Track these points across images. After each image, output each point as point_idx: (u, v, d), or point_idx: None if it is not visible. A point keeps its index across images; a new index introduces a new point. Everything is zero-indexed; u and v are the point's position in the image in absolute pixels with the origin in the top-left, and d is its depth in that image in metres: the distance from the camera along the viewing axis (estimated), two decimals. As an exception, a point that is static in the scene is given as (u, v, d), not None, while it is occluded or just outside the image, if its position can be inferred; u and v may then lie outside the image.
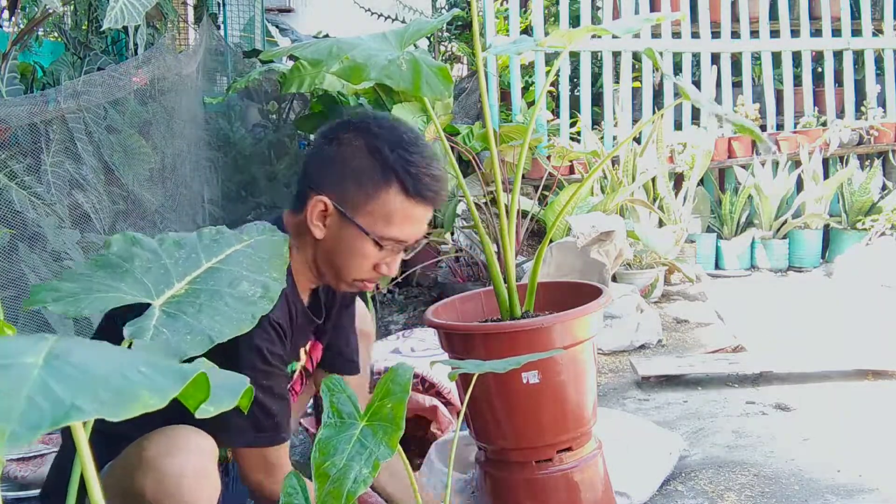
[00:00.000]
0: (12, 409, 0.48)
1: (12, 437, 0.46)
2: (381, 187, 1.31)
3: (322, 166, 1.35)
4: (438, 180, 1.35)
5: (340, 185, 1.32)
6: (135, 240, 1.04)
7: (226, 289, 0.96)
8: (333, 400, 1.03)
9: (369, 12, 5.81)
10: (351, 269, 1.35)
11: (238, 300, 0.95)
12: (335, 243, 1.34)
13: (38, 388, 0.50)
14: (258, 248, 1.10)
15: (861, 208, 4.41)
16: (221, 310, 0.92)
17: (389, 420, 1.00)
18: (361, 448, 0.98)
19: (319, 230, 1.33)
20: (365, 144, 1.32)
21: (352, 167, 1.31)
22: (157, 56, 2.86)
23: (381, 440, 0.98)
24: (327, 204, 1.32)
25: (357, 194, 1.31)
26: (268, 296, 0.98)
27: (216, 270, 1.01)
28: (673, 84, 4.44)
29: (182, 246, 1.05)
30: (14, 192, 2.19)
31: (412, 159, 1.32)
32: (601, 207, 3.57)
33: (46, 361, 0.54)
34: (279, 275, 1.04)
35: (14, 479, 1.81)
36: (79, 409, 0.49)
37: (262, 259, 1.07)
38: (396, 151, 1.31)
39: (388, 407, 1.01)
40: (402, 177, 1.31)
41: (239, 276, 1.00)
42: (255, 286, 0.98)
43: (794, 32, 4.76)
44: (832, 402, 2.30)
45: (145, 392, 0.54)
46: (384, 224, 1.31)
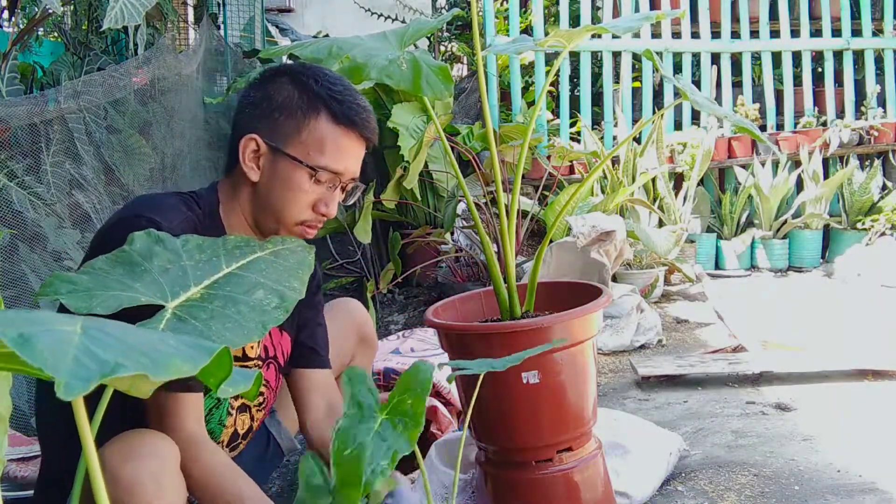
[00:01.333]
0: (61, 365, 0.50)
1: (67, 387, 0.48)
2: (310, 115, 1.31)
3: (250, 109, 1.34)
4: (366, 109, 1.36)
5: (269, 121, 1.32)
6: (158, 238, 1.03)
7: (241, 296, 0.95)
8: (355, 391, 1.03)
9: (369, 12, 5.81)
10: (290, 208, 1.33)
11: (252, 308, 0.94)
12: (271, 182, 1.32)
13: (82, 350, 0.53)
14: (281, 257, 1.09)
15: (861, 208, 4.41)
16: (233, 317, 0.91)
17: (409, 416, 1.00)
18: (380, 440, 0.98)
19: (254, 172, 1.32)
20: (290, 80, 1.34)
21: (278, 101, 1.32)
22: (157, 56, 2.86)
23: (402, 434, 0.98)
24: (258, 141, 1.31)
25: (286, 125, 1.31)
26: (283, 306, 0.96)
27: (235, 276, 1.00)
28: (673, 84, 4.45)
29: (204, 249, 1.04)
30: (14, 192, 2.19)
31: (338, 88, 1.33)
32: (601, 207, 3.57)
33: (84, 330, 0.56)
34: (300, 285, 1.03)
35: (14, 479, 1.81)
36: (122, 366, 0.52)
37: (285, 268, 1.06)
38: (321, 82, 1.33)
39: (409, 403, 1.01)
40: (330, 103, 1.32)
41: (256, 284, 0.99)
42: (271, 295, 0.97)
43: (794, 32, 4.77)
44: (832, 402, 2.30)
45: (177, 360, 0.57)
46: (317, 152, 1.31)
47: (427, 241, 3.63)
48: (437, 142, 3.55)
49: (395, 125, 3.47)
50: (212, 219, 1.35)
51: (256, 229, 1.38)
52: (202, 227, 1.31)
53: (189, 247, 1.04)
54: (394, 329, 3.39)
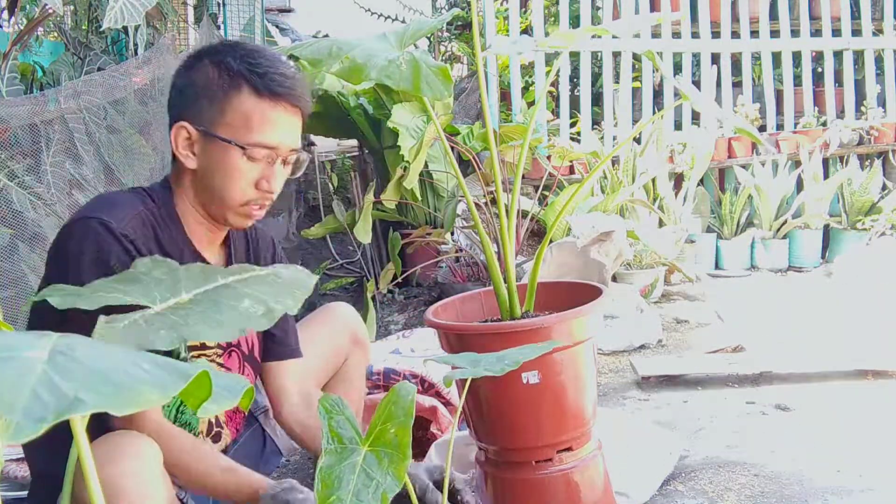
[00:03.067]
0: (16, 401, 0.48)
1: (17, 428, 0.47)
2: (231, 93, 1.29)
3: (175, 98, 1.33)
4: (289, 77, 1.32)
5: (194, 107, 1.30)
6: (163, 263, 1.03)
7: (229, 302, 0.94)
8: (332, 423, 0.98)
9: (369, 12, 5.81)
10: (231, 189, 1.31)
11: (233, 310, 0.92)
12: (208, 168, 1.31)
13: (42, 382, 0.51)
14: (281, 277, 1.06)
15: (861, 208, 4.41)
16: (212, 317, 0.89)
17: (394, 447, 0.95)
18: (367, 479, 0.93)
19: (190, 159, 1.31)
20: (209, 62, 1.31)
21: (200, 84, 1.30)
22: (157, 56, 2.86)
23: (388, 470, 0.93)
24: (187, 128, 1.30)
25: (211, 108, 1.29)
26: (269, 315, 0.94)
27: (227, 287, 0.99)
28: (673, 84, 4.46)
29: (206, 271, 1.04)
30: (14, 192, 2.19)
31: (257, 61, 1.30)
32: (601, 207, 3.57)
33: (50, 356, 0.55)
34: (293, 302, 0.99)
35: (14, 479, 1.82)
36: (82, 402, 0.50)
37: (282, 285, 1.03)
38: (240, 58, 1.30)
39: (392, 432, 0.96)
40: (249, 77, 1.29)
41: (246, 295, 0.97)
42: (257, 304, 0.95)
43: (794, 32, 4.77)
44: (832, 402, 2.30)
45: (147, 388, 0.55)
46: (245, 130, 1.29)
47: (427, 241, 3.63)
48: (437, 142, 3.55)
49: (395, 125, 3.47)
50: (167, 210, 1.35)
51: (207, 216, 1.37)
52: (158, 221, 1.32)
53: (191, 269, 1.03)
54: (394, 329, 3.39)
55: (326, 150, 5.15)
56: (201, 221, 1.38)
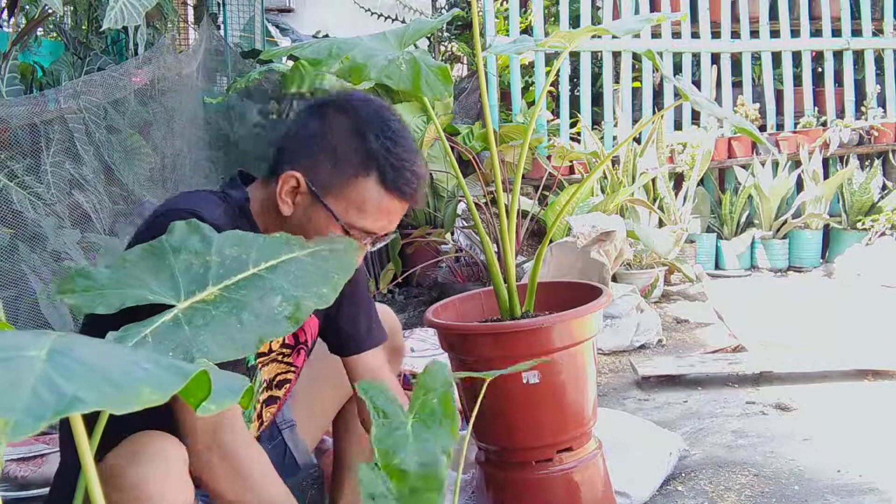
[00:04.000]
0: (16, 400, 0.48)
1: (17, 426, 0.47)
2: (360, 174, 1.22)
3: (301, 140, 1.26)
4: (419, 178, 1.27)
5: (316, 164, 1.22)
6: (196, 228, 0.99)
7: (254, 302, 0.90)
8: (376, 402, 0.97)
9: (369, 12, 5.81)
10: None
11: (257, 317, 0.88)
12: (302, 223, 1.24)
13: (42, 381, 0.51)
14: (320, 258, 1.01)
15: (861, 208, 4.41)
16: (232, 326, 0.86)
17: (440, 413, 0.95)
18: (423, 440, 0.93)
19: (288, 207, 1.24)
20: (349, 125, 1.24)
21: (332, 146, 1.23)
22: (157, 56, 2.86)
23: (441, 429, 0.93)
24: (300, 181, 1.22)
25: (332, 176, 1.22)
26: (295, 316, 0.90)
27: (258, 278, 0.94)
28: (673, 84, 4.46)
29: (239, 243, 0.99)
30: (14, 192, 2.19)
31: (396, 151, 1.23)
32: (601, 207, 3.57)
33: (49, 355, 0.55)
34: (330, 291, 0.95)
35: (14, 479, 1.81)
36: (81, 400, 0.50)
37: (319, 271, 0.98)
38: (381, 139, 1.22)
39: (434, 401, 0.96)
40: (384, 167, 1.22)
41: (277, 289, 0.92)
42: (287, 303, 0.91)
43: (794, 32, 4.77)
44: (832, 402, 2.30)
45: (146, 387, 0.55)
46: (356, 213, 1.23)
47: (427, 241, 3.63)
48: (438, 142, 3.55)
49: (395, 125, 3.46)
50: (244, 220, 1.29)
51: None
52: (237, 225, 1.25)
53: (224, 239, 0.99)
54: (394, 329, 3.38)
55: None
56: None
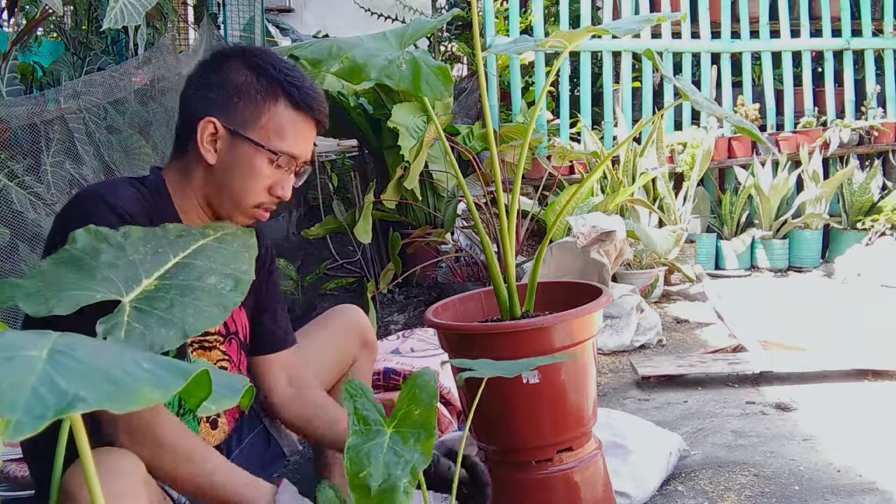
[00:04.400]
0: (17, 399, 0.48)
1: (17, 426, 0.47)
2: (270, 101, 1.33)
3: (205, 92, 1.34)
4: (320, 93, 1.39)
5: (228, 105, 1.32)
6: (99, 234, 1.03)
7: (196, 283, 0.96)
8: (357, 406, 1.00)
9: (369, 12, 5.81)
10: (247, 191, 1.34)
11: (209, 294, 0.94)
12: (228, 166, 1.33)
13: (43, 380, 0.51)
14: (225, 242, 1.09)
15: (861, 208, 4.41)
16: (193, 304, 0.91)
17: (420, 426, 0.97)
18: (395, 456, 0.95)
19: (211, 154, 1.33)
20: (246, 64, 1.34)
21: (236, 85, 1.33)
22: (158, 56, 2.86)
23: (415, 447, 0.95)
24: (216, 124, 1.31)
25: (246, 110, 1.32)
26: (238, 288, 0.97)
27: (185, 265, 1.00)
28: (673, 84, 4.47)
29: (148, 241, 1.04)
30: (14, 192, 2.19)
31: (294, 74, 1.35)
32: (601, 207, 3.57)
33: (50, 355, 0.55)
34: (248, 267, 1.04)
35: (14, 479, 1.81)
36: (82, 399, 0.50)
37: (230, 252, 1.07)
38: (278, 68, 1.34)
39: (417, 413, 0.98)
40: (289, 89, 1.33)
41: (207, 270, 0.99)
42: (224, 279, 0.98)
43: (794, 32, 4.77)
44: (832, 402, 2.30)
45: (147, 387, 0.55)
46: (277, 137, 1.33)
47: (427, 241, 3.63)
48: (438, 142, 3.55)
49: (395, 125, 3.47)
50: (161, 198, 1.35)
51: (209, 210, 1.38)
52: (152, 206, 1.32)
53: (132, 240, 1.04)
54: (394, 329, 3.39)
55: (326, 150, 5.16)
56: (200, 215, 1.38)
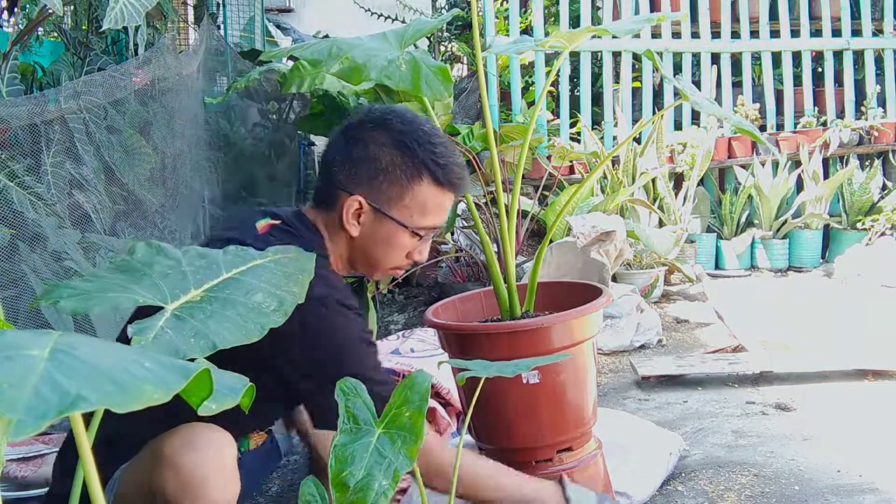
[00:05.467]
0: (19, 399, 0.48)
1: (19, 425, 0.47)
2: (414, 181, 1.37)
3: (350, 166, 1.38)
4: (462, 167, 1.43)
5: (372, 184, 1.36)
6: (160, 248, 1.04)
7: (241, 298, 0.96)
8: (349, 405, 1.00)
9: (369, 12, 5.81)
10: (387, 260, 1.41)
11: (251, 310, 0.94)
12: (371, 239, 1.39)
13: (44, 380, 0.51)
14: (281, 264, 1.09)
15: (861, 208, 4.41)
16: (232, 318, 0.91)
17: (408, 429, 0.98)
18: (380, 458, 0.95)
19: (355, 228, 1.38)
20: (391, 141, 1.37)
21: (383, 165, 1.36)
22: (158, 56, 2.86)
23: (400, 450, 0.96)
24: (362, 203, 1.37)
25: (391, 190, 1.36)
26: (282, 309, 0.96)
27: (235, 280, 1.00)
28: (673, 84, 4.46)
29: (205, 256, 1.05)
30: (14, 192, 2.19)
31: (438, 150, 1.38)
32: (601, 207, 3.57)
33: (52, 354, 0.55)
34: (299, 290, 1.03)
35: (14, 479, 1.82)
36: (84, 399, 0.50)
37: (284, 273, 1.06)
38: (423, 145, 1.37)
39: (407, 416, 0.99)
40: (433, 168, 1.37)
41: (256, 288, 0.99)
42: (270, 298, 0.98)
43: (794, 32, 4.77)
44: (832, 402, 2.30)
45: (149, 386, 0.55)
46: (420, 215, 1.38)
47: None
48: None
49: (395, 125, 3.46)
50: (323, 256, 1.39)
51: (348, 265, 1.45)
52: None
53: (190, 255, 1.04)
54: (394, 329, 3.39)
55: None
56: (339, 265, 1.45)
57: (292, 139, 4.43)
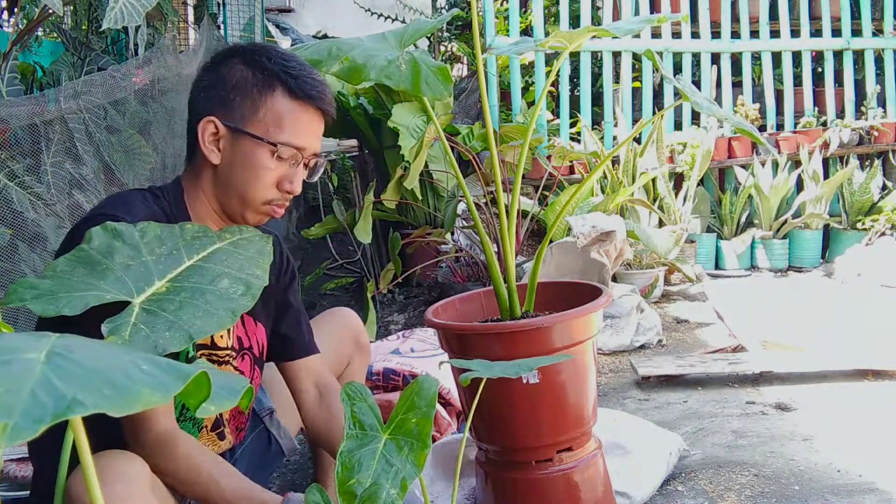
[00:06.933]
0: (15, 403, 0.48)
1: (15, 429, 0.47)
2: (266, 92, 1.32)
3: (203, 94, 1.34)
4: (321, 82, 1.36)
5: (225, 103, 1.32)
6: (116, 232, 1.02)
7: (207, 286, 0.95)
8: (354, 410, 0.99)
9: (369, 12, 5.81)
10: (254, 187, 1.33)
11: (219, 297, 0.93)
12: (233, 163, 1.32)
13: (41, 384, 0.51)
14: (240, 247, 1.08)
15: (861, 208, 4.41)
16: (202, 307, 0.90)
17: (415, 436, 0.97)
18: (387, 465, 0.94)
19: (215, 154, 1.32)
20: (242, 61, 1.34)
21: (233, 82, 1.32)
22: (158, 56, 2.86)
23: (408, 457, 0.95)
24: (216, 123, 1.31)
25: (243, 105, 1.31)
26: (249, 293, 0.96)
27: (198, 268, 0.99)
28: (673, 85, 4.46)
29: (164, 241, 1.04)
30: (14, 192, 2.19)
31: (291, 64, 1.34)
32: (601, 207, 3.57)
33: (48, 358, 0.54)
34: (262, 272, 1.03)
35: (14, 479, 1.82)
36: (80, 403, 0.50)
37: (245, 257, 1.05)
38: (274, 59, 1.33)
39: (413, 422, 0.98)
40: (285, 79, 1.32)
41: (220, 274, 0.98)
42: (236, 283, 0.97)
43: (794, 32, 4.77)
44: (832, 402, 2.30)
45: (147, 389, 0.55)
46: (276, 128, 1.31)
47: (427, 241, 3.63)
48: (438, 142, 3.55)
49: (395, 125, 3.47)
50: (178, 209, 1.35)
51: (222, 214, 1.38)
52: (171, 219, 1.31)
53: (148, 239, 1.03)
54: (394, 329, 3.39)
55: (326, 150, 5.16)
56: (216, 220, 1.38)
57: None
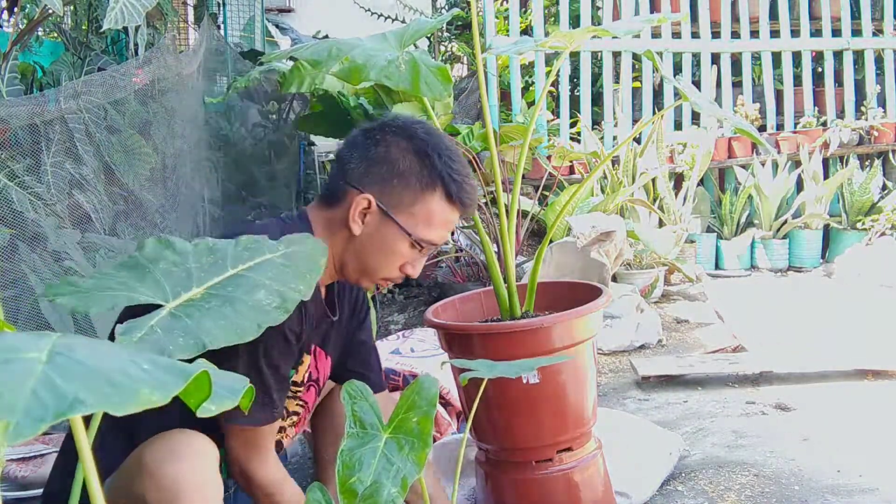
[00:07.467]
0: (17, 402, 0.48)
1: (17, 428, 0.47)
2: (427, 190, 1.34)
3: (366, 165, 1.36)
4: (475, 189, 1.41)
5: (385, 185, 1.34)
6: (168, 243, 1.02)
7: (242, 296, 0.93)
8: (355, 408, 0.99)
9: (369, 12, 5.81)
10: (381, 266, 1.37)
11: (250, 308, 0.91)
12: (371, 241, 1.35)
13: (42, 383, 0.51)
14: (291, 258, 1.06)
15: (861, 208, 4.41)
16: (229, 316, 0.89)
17: (416, 435, 0.96)
18: (388, 464, 0.94)
19: (358, 227, 1.35)
20: (413, 148, 1.35)
21: (400, 168, 1.34)
22: (158, 56, 2.85)
23: (408, 456, 0.95)
24: (371, 201, 1.34)
25: (403, 194, 1.34)
26: (283, 306, 0.94)
27: (239, 277, 0.98)
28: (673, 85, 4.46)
29: (214, 252, 1.02)
30: (14, 192, 2.19)
31: (456, 167, 1.36)
32: (601, 207, 3.57)
33: (50, 357, 0.54)
34: (305, 287, 1.00)
35: (14, 479, 1.82)
36: (81, 402, 0.50)
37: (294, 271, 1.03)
38: (443, 159, 1.35)
39: (414, 421, 0.98)
40: (448, 182, 1.35)
41: (259, 285, 0.97)
42: (272, 296, 0.95)
43: (794, 32, 4.77)
44: (832, 402, 2.30)
45: (146, 388, 0.55)
46: (425, 226, 1.35)
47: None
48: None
49: (395, 125, 3.46)
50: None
51: (339, 270, 1.41)
52: None
53: (199, 249, 1.02)
54: (394, 329, 3.39)
55: (326, 150, 5.15)
56: (329, 271, 1.41)
57: (292, 139, 4.43)
